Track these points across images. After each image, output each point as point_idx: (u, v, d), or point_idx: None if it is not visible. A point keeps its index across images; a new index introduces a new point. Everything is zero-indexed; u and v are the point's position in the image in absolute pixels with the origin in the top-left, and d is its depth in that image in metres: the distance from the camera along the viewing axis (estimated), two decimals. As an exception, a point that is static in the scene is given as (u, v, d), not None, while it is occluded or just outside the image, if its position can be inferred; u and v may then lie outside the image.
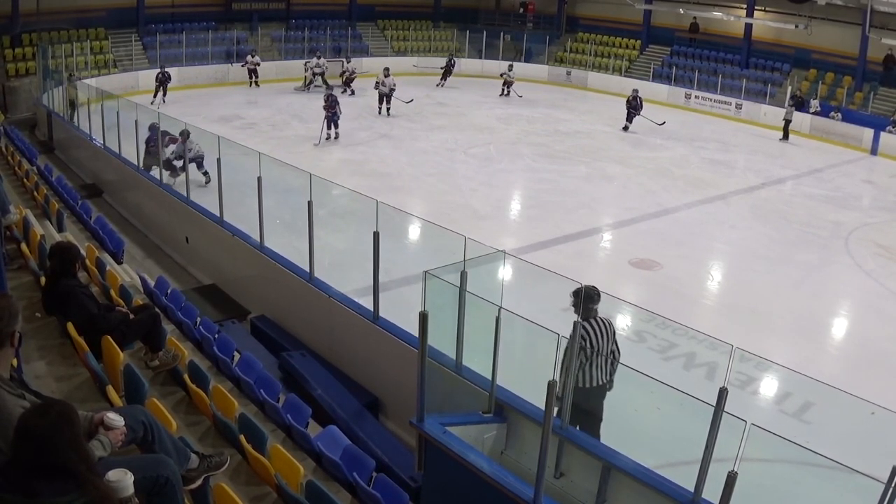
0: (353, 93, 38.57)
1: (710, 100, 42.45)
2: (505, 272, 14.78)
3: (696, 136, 35.64)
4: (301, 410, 9.30)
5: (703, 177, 28.02)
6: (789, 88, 41.23)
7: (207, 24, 42.09)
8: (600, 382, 9.59)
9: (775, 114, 39.49)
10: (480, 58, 48.34)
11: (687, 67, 45.15)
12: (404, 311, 12.16)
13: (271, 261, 14.47)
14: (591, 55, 48.77)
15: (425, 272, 9.29)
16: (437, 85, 41.97)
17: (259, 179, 14.33)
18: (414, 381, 8.84)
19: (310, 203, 13.46)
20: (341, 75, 39.31)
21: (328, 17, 46.29)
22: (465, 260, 9.99)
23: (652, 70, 45.95)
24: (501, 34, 48.46)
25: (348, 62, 40.05)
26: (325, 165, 22.45)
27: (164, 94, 34.23)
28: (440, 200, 21.72)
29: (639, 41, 49.18)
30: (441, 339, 9.63)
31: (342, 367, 12.60)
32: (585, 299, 9.51)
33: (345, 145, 27.59)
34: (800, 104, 39.86)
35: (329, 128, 27.78)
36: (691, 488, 7.60)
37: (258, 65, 39.67)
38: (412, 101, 34.98)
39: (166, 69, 34.86)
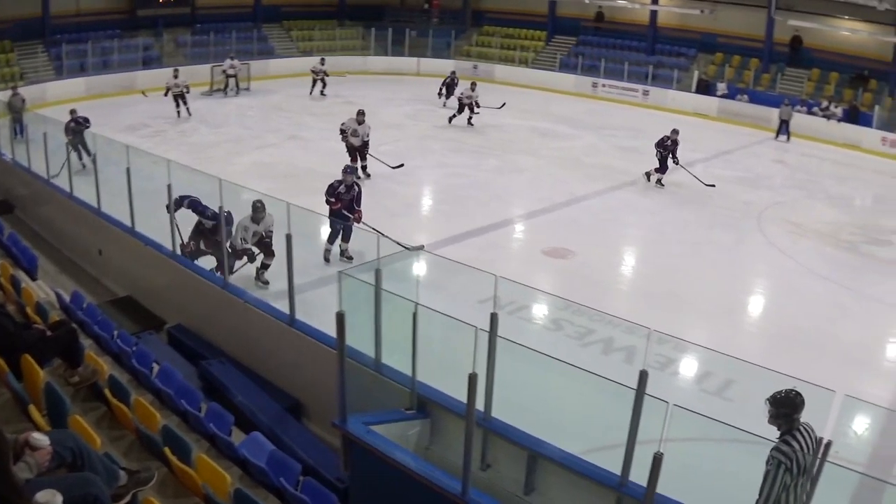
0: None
1: (618, 87, 42.83)
2: (420, 268, 14.82)
3: (604, 124, 36.03)
4: (223, 418, 9.26)
5: (613, 164, 28.31)
6: (696, 73, 41.69)
7: (113, 31, 41.54)
8: (801, 498, 7.12)
9: (682, 99, 40.01)
10: (387, 55, 48.17)
11: (593, 56, 45.44)
12: (321, 313, 12.15)
13: (185, 269, 14.34)
14: (497, 48, 49.08)
15: (340, 272, 9.29)
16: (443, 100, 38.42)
17: (169, 187, 14.17)
18: (334, 382, 8.86)
19: (221, 209, 13.40)
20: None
21: (233, 20, 45.75)
22: (379, 258, 10.01)
23: (559, 60, 46.18)
24: (407, 31, 48.34)
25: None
26: (234, 170, 22.29)
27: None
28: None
29: (545, 32, 49.37)
30: (360, 339, 9.64)
31: (262, 372, 12.53)
32: (791, 408, 7.26)
33: (254, 148, 27.42)
34: (706, 88, 40.34)
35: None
36: (619, 472, 7.69)
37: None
38: (503, 104, 34.66)
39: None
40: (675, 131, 25.30)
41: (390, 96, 39.49)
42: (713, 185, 24.94)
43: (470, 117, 32.82)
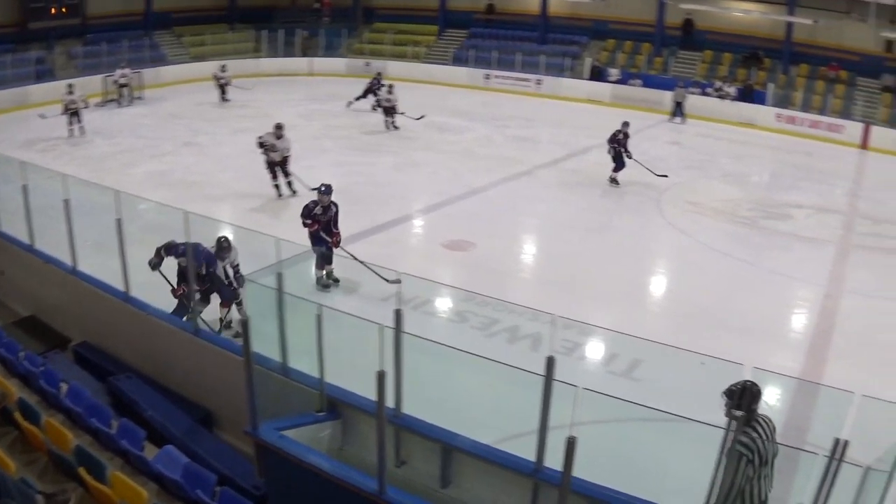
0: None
1: (511, 78, 43.12)
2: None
3: (498, 115, 36.38)
4: (135, 434, 9.20)
5: (508, 154, 28.62)
6: (587, 60, 42.05)
7: (5, 45, 40.85)
8: (769, 494, 7.29)
9: (575, 86, 40.38)
10: (278, 56, 47.88)
11: (485, 49, 45.61)
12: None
13: (86, 284, 14.05)
14: (389, 45, 48.98)
15: (244, 277, 9.28)
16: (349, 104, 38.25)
17: (66, 202, 13.94)
18: (243, 389, 8.84)
19: (118, 221, 13.25)
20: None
21: (124, 29, 45.02)
22: (280, 261, 10.00)
23: (451, 54, 46.39)
24: (298, 31, 48.17)
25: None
26: (130, 180, 22.03)
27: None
28: (249, 204, 21.52)
29: (436, 27, 49.54)
30: (266, 344, 9.62)
31: (170, 384, 12.39)
32: (750, 398, 7.15)
33: (150, 157, 27.12)
34: (598, 74, 40.72)
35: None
36: (533, 458, 7.76)
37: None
38: (423, 116, 34.50)
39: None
40: (626, 123, 25.21)
41: (283, 97, 39.27)
42: (665, 176, 25.10)
43: (393, 121, 32.57)
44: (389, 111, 32.35)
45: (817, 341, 15.04)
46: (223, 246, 13.88)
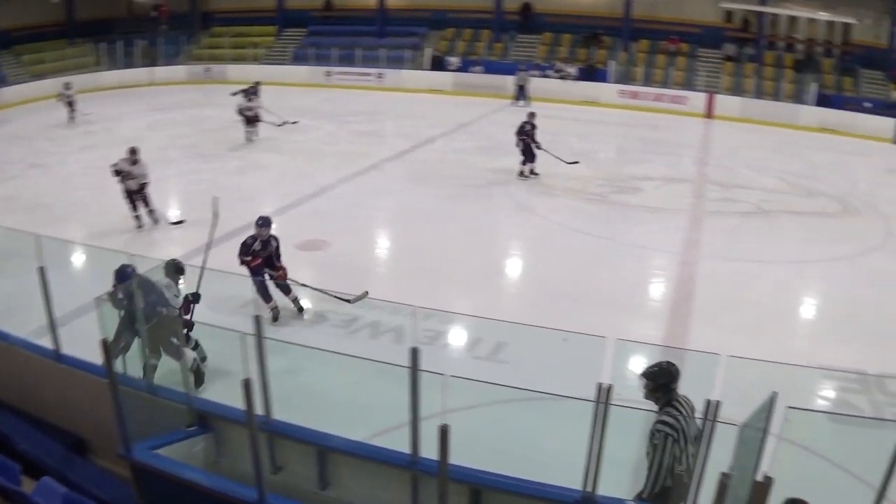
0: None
1: (352, 74, 43.12)
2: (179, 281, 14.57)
3: (342, 111, 36.52)
4: (9, 469, 8.96)
5: (354, 150, 28.77)
6: (427, 51, 42.19)
7: None
8: (692, 466, 7.10)
9: (417, 77, 40.55)
10: (118, 68, 47.04)
11: (324, 46, 45.58)
12: (90, 342, 11.85)
13: (-62, 316, 13.73)
14: (228, 48, 48.65)
15: (96, 298, 9.08)
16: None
17: None
18: (111, 412, 8.65)
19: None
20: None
21: (-42, 50, 44.23)
22: (131, 279, 9.83)
23: (291, 53, 46.18)
24: (135, 41, 47.43)
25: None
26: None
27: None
28: (100, 222, 21.02)
29: (275, 27, 49.34)
30: (129, 364, 9.44)
31: (38, 413, 12.09)
32: (667, 378, 7.36)
33: (-6, 182, 26.54)
34: (439, 64, 40.89)
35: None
36: (409, 451, 7.73)
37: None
38: (296, 122, 33.83)
39: None
40: (532, 114, 25.16)
41: (126, 110, 38.68)
42: (577, 162, 25.17)
43: (253, 132, 31.47)
44: (252, 120, 30.92)
45: (679, 308, 15.48)
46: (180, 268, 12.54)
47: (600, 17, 41.52)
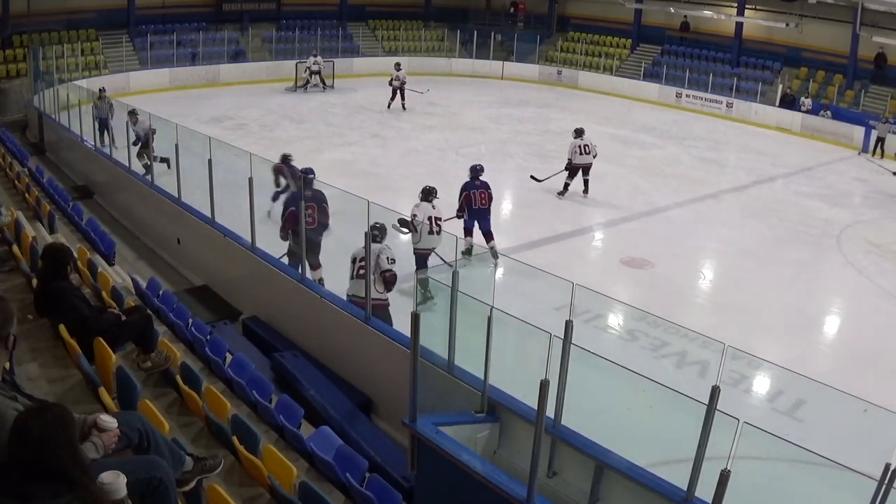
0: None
1: (701, 98, 42.43)
2: (497, 272, 14.71)
3: (687, 134, 35.77)
4: (293, 411, 9.25)
5: (694, 175, 28.10)
6: (780, 87, 41.29)
7: (198, 24, 41.96)
8: None
9: (766, 112, 39.64)
10: (471, 57, 48.24)
11: (678, 66, 45.08)
12: (396, 312, 12.11)
13: (263, 262, 14.32)
14: (581, 54, 48.65)
15: (417, 273, 9.27)
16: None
17: (250, 180, 14.14)
18: (406, 381, 8.82)
19: (300, 205, 13.37)
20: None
21: (319, 18, 46.20)
22: (456, 260, 9.98)
23: (643, 69, 45.92)
24: (492, 34, 48.42)
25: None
26: (315, 166, 22.15)
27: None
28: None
29: (629, 40, 49.03)
30: (433, 339, 9.59)
31: (334, 367, 12.47)
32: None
33: (336, 145, 27.51)
34: (790, 102, 39.92)
35: None
36: (684, 487, 7.60)
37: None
38: (428, 90, 34.92)
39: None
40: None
41: (472, 98, 39.46)
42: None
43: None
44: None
45: None
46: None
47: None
